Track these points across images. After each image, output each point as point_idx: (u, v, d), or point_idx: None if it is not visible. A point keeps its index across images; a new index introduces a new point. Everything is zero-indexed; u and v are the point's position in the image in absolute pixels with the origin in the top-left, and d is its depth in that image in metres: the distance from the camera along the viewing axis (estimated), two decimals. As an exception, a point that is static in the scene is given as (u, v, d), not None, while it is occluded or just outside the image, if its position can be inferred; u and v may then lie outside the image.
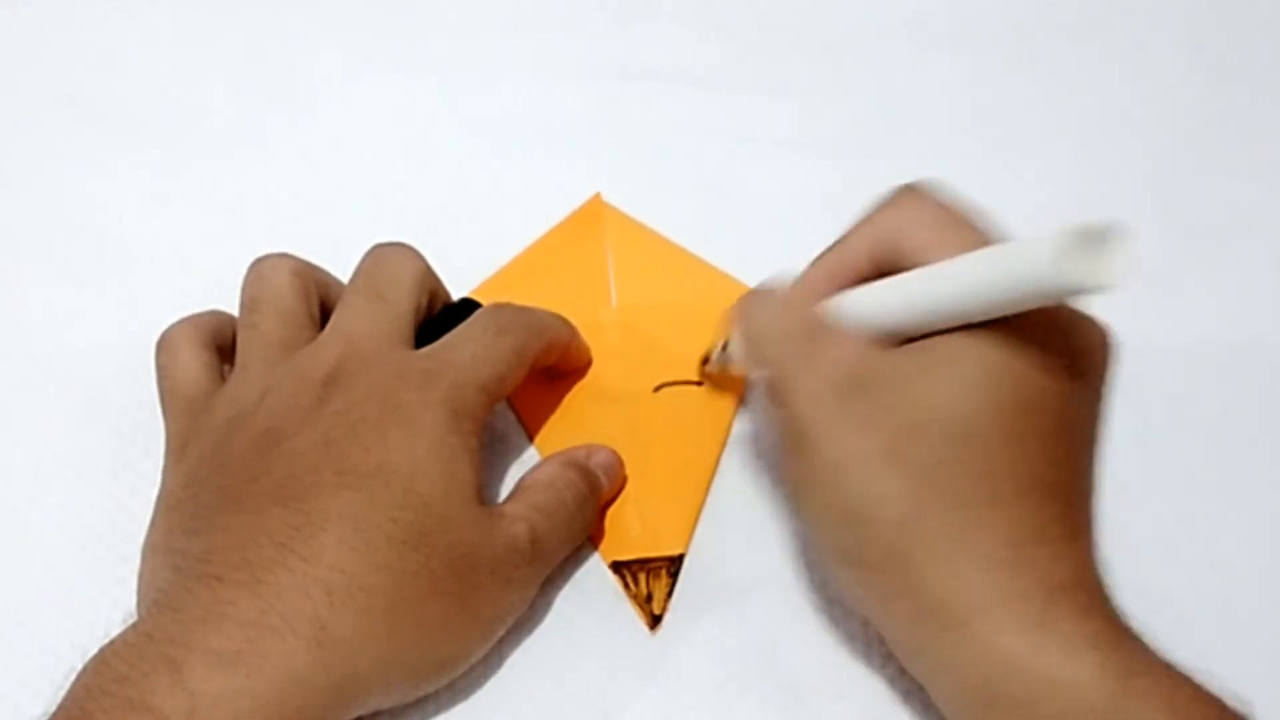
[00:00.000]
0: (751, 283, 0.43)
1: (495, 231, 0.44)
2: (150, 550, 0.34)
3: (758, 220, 0.46)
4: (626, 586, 0.36)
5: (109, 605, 0.34)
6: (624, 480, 0.38)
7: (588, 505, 0.36)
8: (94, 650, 0.29)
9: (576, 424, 0.40)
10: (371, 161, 0.47)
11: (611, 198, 0.45)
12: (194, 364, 0.36)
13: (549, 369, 0.39)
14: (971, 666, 0.29)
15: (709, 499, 0.39)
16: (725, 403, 0.40)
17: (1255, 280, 0.45)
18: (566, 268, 0.44)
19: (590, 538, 0.37)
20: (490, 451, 0.40)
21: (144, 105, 0.49)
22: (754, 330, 0.34)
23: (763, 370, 0.33)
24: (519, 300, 0.39)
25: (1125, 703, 0.27)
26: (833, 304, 0.33)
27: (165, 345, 0.37)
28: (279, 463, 0.32)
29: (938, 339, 0.30)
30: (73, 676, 0.29)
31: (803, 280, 0.35)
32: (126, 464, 0.38)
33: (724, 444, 0.40)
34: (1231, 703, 0.28)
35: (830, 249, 0.34)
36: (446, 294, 0.39)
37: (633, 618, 0.36)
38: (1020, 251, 0.28)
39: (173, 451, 0.35)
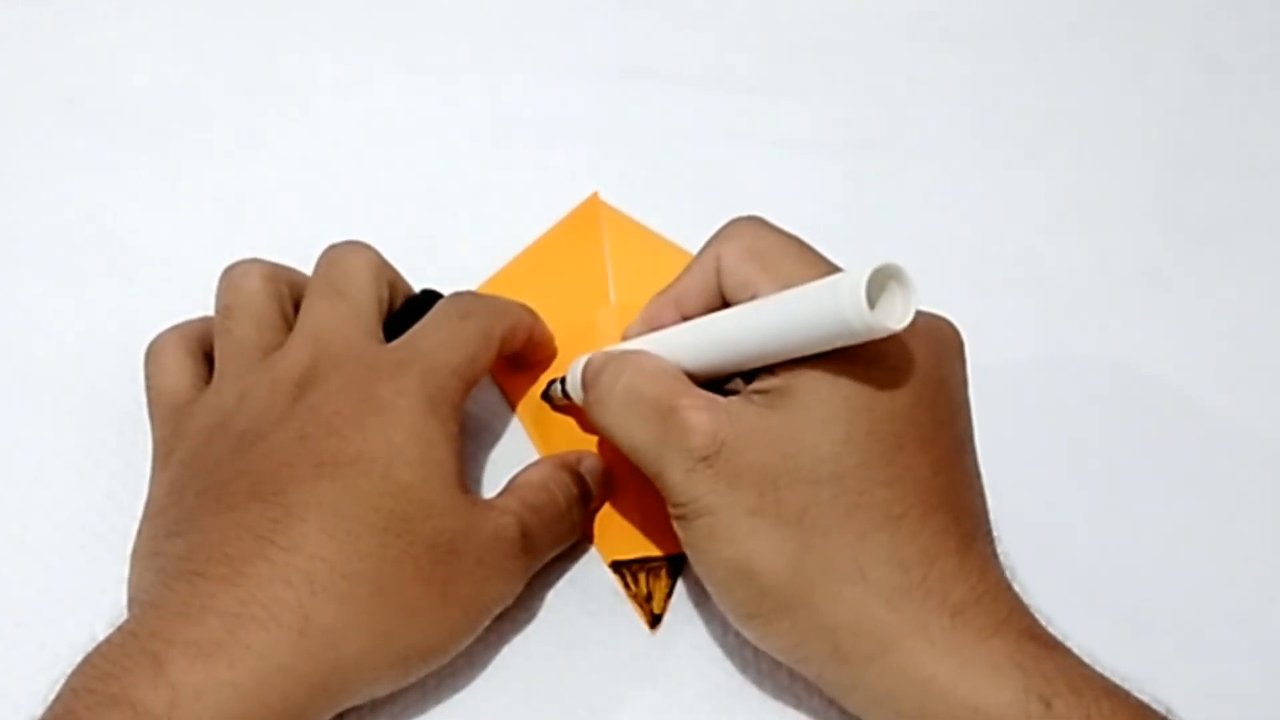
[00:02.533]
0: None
1: (495, 231, 0.44)
2: (136, 557, 0.34)
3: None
4: (626, 586, 0.36)
5: (109, 605, 0.34)
6: (612, 488, 0.38)
7: (577, 507, 0.36)
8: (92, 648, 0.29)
9: (577, 424, 0.40)
10: (371, 161, 0.47)
11: (611, 197, 0.45)
12: (178, 371, 0.37)
13: (516, 356, 0.39)
14: (897, 698, 0.29)
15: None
16: None
17: (1255, 280, 0.45)
18: (565, 267, 0.44)
19: (588, 537, 0.37)
20: (481, 446, 0.40)
21: (144, 105, 0.49)
22: (604, 421, 0.33)
23: (624, 450, 0.33)
24: (520, 300, 0.39)
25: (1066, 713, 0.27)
26: (657, 342, 0.33)
27: (152, 353, 0.37)
28: (257, 461, 0.32)
29: (784, 380, 0.30)
30: (64, 678, 0.29)
31: (647, 313, 0.35)
32: (126, 464, 0.38)
33: None
34: (1153, 707, 0.29)
35: (670, 285, 0.35)
36: (406, 285, 0.39)
37: (632, 618, 0.36)
38: (822, 297, 0.28)
39: (158, 458, 0.36)
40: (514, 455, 0.39)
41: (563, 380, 0.38)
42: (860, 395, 0.30)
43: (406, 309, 0.38)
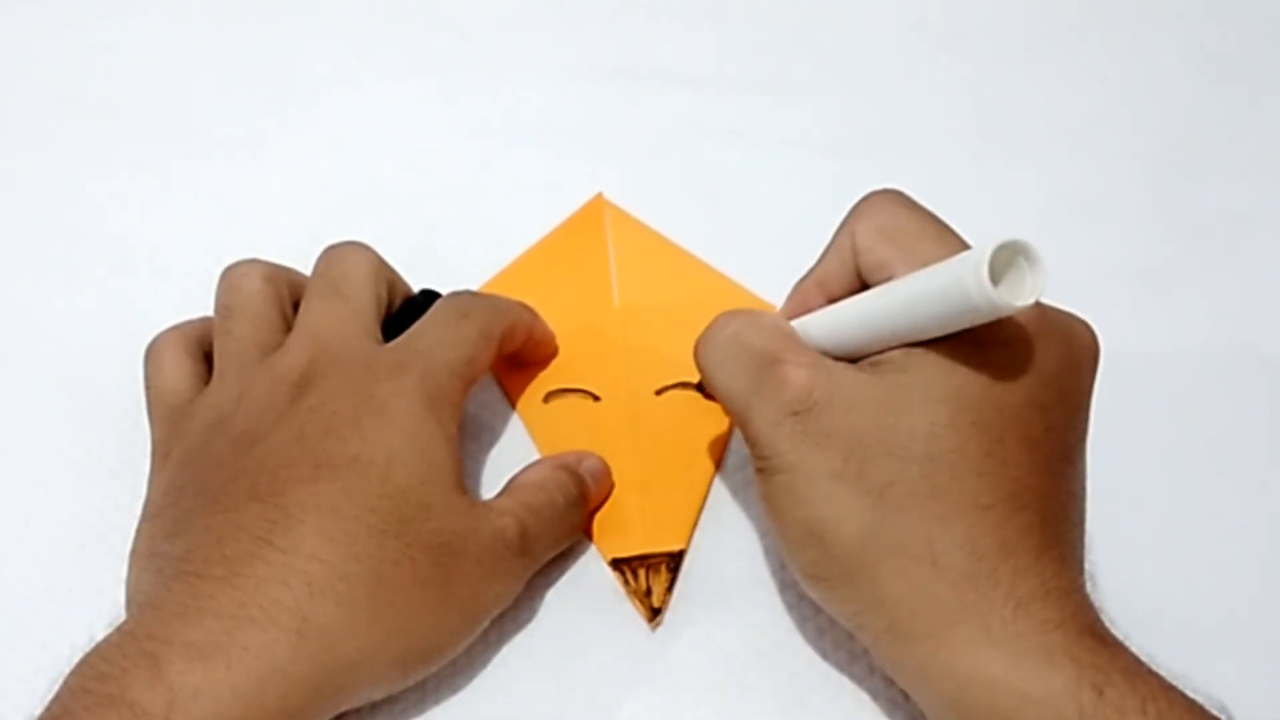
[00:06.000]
0: (753, 282, 0.43)
1: (496, 232, 0.44)
2: (134, 557, 0.34)
3: (759, 220, 0.46)
4: (626, 582, 0.37)
5: (109, 605, 0.34)
6: (611, 488, 0.38)
7: (576, 508, 0.36)
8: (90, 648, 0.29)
9: (578, 424, 0.40)
10: (371, 162, 0.47)
11: (613, 197, 0.45)
12: (177, 371, 0.36)
13: (515, 356, 0.39)
14: (945, 680, 0.29)
15: (710, 497, 0.38)
16: None
17: (1255, 280, 0.45)
18: (569, 268, 0.44)
19: (589, 535, 0.37)
20: (481, 446, 0.40)
21: (144, 105, 0.49)
22: (708, 365, 0.33)
23: (723, 404, 0.33)
24: (523, 300, 0.39)
25: (1098, 713, 0.27)
26: (798, 326, 0.34)
27: (151, 353, 0.37)
28: (255, 462, 0.32)
29: (902, 355, 0.30)
30: (62, 678, 0.29)
31: (792, 298, 0.35)
32: (126, 464, 0.38)
33: (726, 442, 0.40)
34: (1209, 709, 0.28)
35: (813, 268, 0.35)
36: (406, 286, 0.39)
37: (632, 618, 0.36)
38: (946, 275, 0.27)
39: (157, 458, 0.36)
40: (514, 455, 0.39)
41: None
42: (973, 383, 0.30)
43: (405, 309, 0.38)
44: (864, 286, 0.33)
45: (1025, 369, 0.30)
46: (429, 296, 0.39)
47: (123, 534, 0.35)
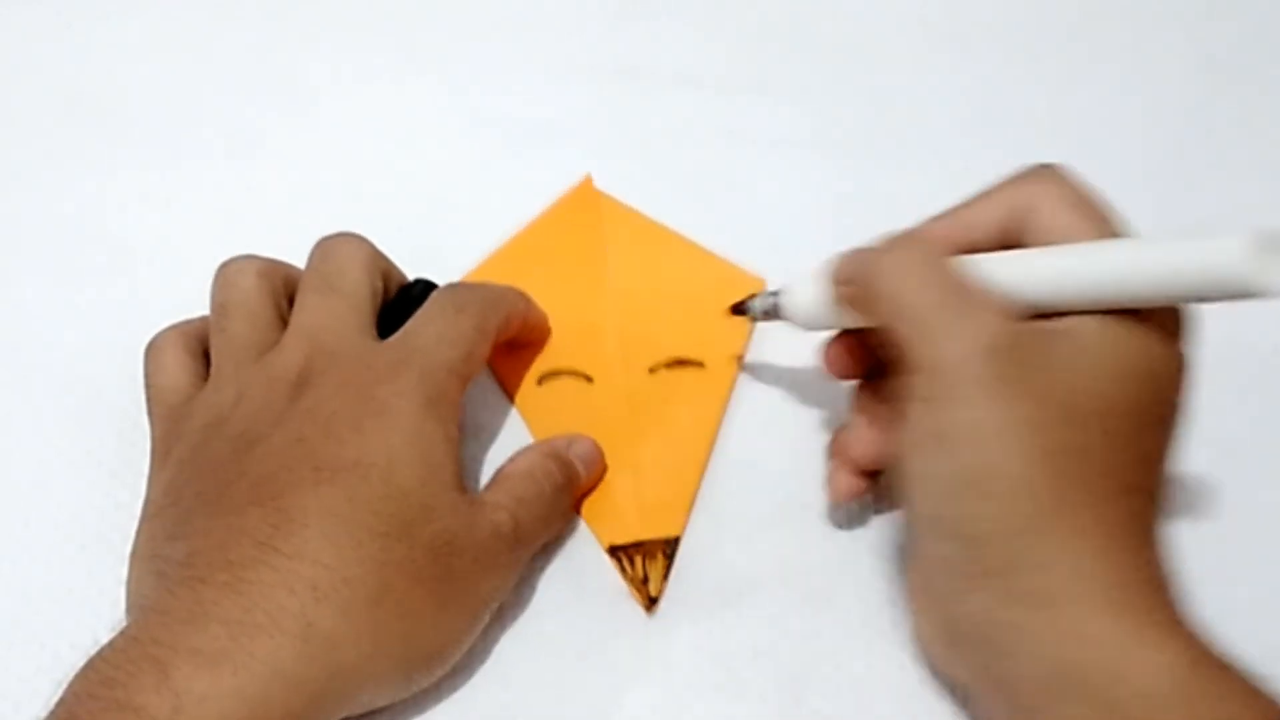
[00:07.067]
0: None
1: (496, 232, 0.44)
2: (135, 559, 0.34)
3: (757, 219, 0.46)
4: (623, 570, 0.37)
5: (109, 605, 0.34)
6: (603, 470, 0.38)
7: (565, 494, 0.36)
8: (93, 651, 0.29)
9: (572, 406, 0.40)
10: (372, 161, 0.47)
11: (613, 196, 0.45)
12: (176, 370, 0.36)
13: (511, 342, 0.39)
14: (1052, 647, 0.28)
15: (708, 491, 0.38)
16: (720, 384, 0.40)
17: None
18: (561, 249, 0.44)
19: (578, 512, 0.38)
20: (480, 440, 0.40)
21: (144, 105, 0.49)
22: (889, 272, 0.31)
23: (893, 318, 0.31)
24: (515, 283, 0.39)
25: (1205, 688, 0.27)
26: (968, 263, 0.32)
27: (151, 352, 0.37)
28: (255, 464, 0.32)
29: (1080, 322, 0.30)
30: (66, 682, 0.29)
31: (920, 234, 0.33)
32: (126, 464, 0.38)
33: (719, 424, 0.40)
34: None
35: (952, 211, 0.34)
36: (400, 274, 0.39)
37: (631, 617, 0.36)
38: (1214, 247, 0.27)
39: (156, 458, 0.36)
40: (508, 441, 0.39)
41: (770, 291, 0.38)
42: (1143, 365, 0.29)
43: (401, 298, 0.38)
44: (1006, 246, 0.32)
45: (1174, 361, 0.30)
46: (425, 286, 0.39)
47: (123, 534, 0.35)
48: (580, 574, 0.37)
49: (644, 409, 0.39)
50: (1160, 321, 0.30)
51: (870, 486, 0.36)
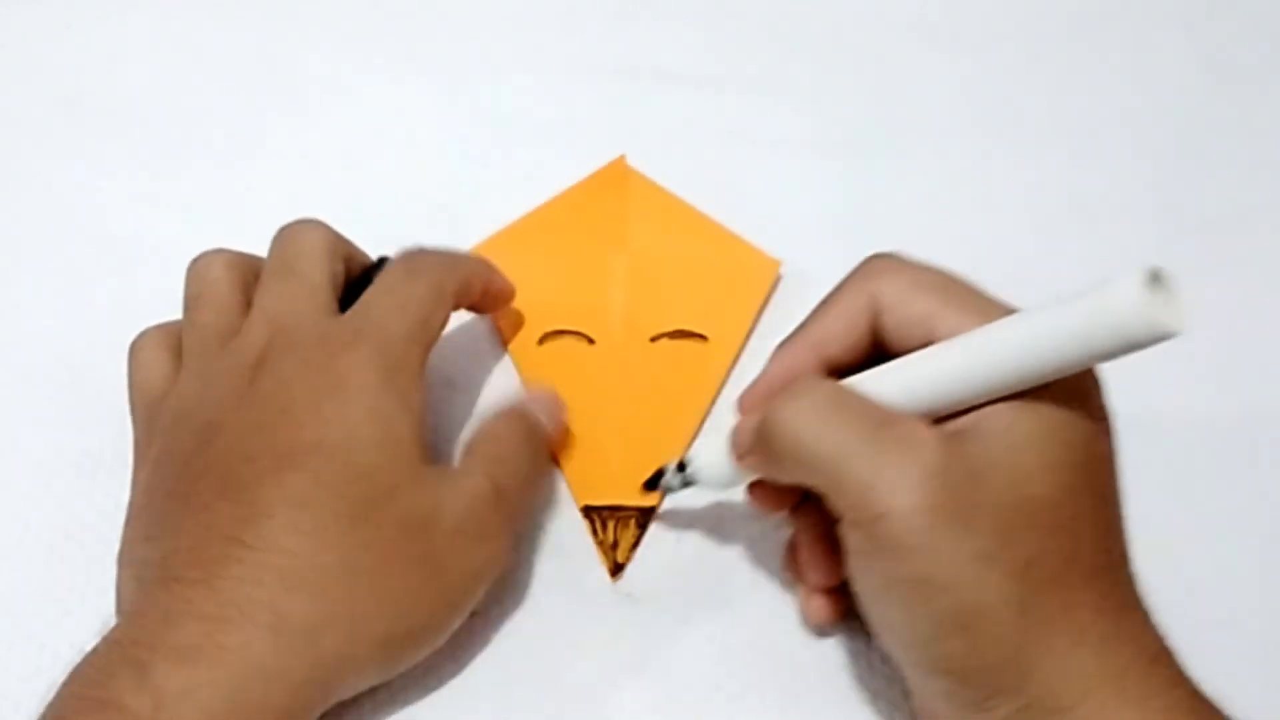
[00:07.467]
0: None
1: (494, 232, 0.44)
2: (119, 563, 0.34)
3: (757, 219, 0.45)
4: (594, 532, 0.37)
5: (108, 605, 0.34)
6: (563, 411, 0.38)
7: (534, 447, 0.36)
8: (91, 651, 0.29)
9: (569, 366, 0.40)
10: (371, 161, 0.47)
11: (611, 197, 0.45)
12: (155, 368, 0.36)
13: (473, 308, 0.39)
14: None
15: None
16: (721, 359, 0.41)
17: (1256, 280, 0.45)
18: (584, 219, 0.44)
19: (565, 480, 0.38)
20: (464, 391, 0.40)
21: (143, 105, 0.49)
22: (793, 431, 0.29)
23: (812, 476, 0.29)
24: (529, 251, 0.40)
25: None
26: (856, 384, 0.30)
27: (132, 351, 0.37)
28: (219, 457, 0.32)
29: (990, 416, 0.28)
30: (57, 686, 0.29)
31: (782, 360, 0.33)
32: (126, 464, 0.38)
33: (714, 399, 0.40)
34: None
35: (803, 331, 0.33)
36: (364, 257, 0.39)
37: (632, 619, 0.36)
38: (1101, 304, 0.26)
39: (137, 458, 0.36)
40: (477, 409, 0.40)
41: (678, 464, 0.35)
42: (1074, 440, 0.28)
43: (365, 277, 0.37)
44: (876, 349, 0.31)
45: (1099, 424, 0.29)
46: (389, 263, 0.38)
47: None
48: (583, 580, 0.37)
49: (641, 375, 0.40)
50: (1069, 386, 0.28)
51: (849, 601, 0.33)
